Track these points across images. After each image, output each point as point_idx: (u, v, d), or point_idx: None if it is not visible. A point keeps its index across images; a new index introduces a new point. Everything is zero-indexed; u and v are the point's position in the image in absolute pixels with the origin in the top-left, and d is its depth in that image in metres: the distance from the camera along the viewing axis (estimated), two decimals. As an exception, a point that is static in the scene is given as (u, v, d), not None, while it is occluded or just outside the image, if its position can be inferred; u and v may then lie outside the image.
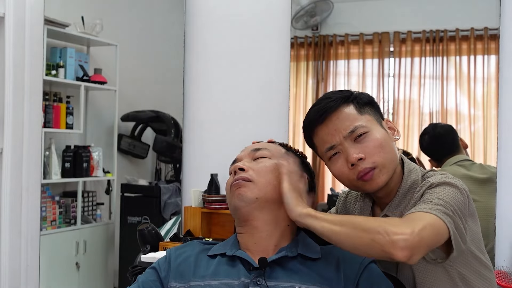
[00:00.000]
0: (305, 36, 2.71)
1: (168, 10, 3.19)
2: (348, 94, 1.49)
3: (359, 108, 1.47)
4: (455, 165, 2.36)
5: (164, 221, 2.96)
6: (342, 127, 1.44)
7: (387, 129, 1.50)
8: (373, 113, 1.49)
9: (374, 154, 1.43)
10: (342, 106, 1.46)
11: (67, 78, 3.17)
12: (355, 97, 1.49)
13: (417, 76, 2.60)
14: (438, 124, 2.52)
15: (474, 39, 2.49)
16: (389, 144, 1.46)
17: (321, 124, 1.46)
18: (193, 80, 2.80)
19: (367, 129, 1.44)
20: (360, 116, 1.46)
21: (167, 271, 1.41)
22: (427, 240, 1.24)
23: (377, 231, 1.22)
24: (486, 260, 1.47)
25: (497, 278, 2.06)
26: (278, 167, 1.42)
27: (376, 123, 1.48)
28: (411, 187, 1.47)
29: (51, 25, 3.03)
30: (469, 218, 1.39)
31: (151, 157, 3.50)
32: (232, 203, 1.42)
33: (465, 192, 1.39)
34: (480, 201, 2.24)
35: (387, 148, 1.45)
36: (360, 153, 1.42)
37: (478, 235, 1.45)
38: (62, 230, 3.19)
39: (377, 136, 1.44)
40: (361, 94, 1.51)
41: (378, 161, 1.43)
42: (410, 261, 1.21)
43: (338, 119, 1.45)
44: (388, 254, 1.20)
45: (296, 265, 1.36)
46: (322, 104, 1.48)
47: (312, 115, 1.49)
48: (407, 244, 1.19)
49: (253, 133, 2.40)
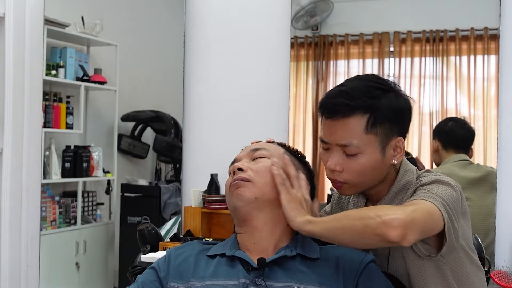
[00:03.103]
0: (305, 36, 2.71)
1: (168, 10, 3.19)
2: (371, 103, 1.37)
3: (370, 124, 1.37)
4: (454, 163, 2.37)
5: (164, 221, 2.96)
6: (339, 135, 1.39)
7: (392, 149, 1.42)
8: (384, 132, 1.39)
9: (351, 175, 1.41)
10: (354, 115, 1.37)
11: (67, 78, 3.16)
12: (376, 108, 1.37)
13: (417, 76, 2.60)
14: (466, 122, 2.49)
15: (474, 39, 2.49)
16: (374, 169, 1.41)
17: (326, 118, 1.41)
18: (193, 80, 2.80)
19: (360, 151, 1.38)
20: (363, 135, 1.37)
21: (167, 271, 1.41)
22: (420, 221, 1.24)
23: (368, 216, 1.23)
24: (477, 259, 1.48)
25: (497, 278, 2.06)
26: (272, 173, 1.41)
27: (377, 146, 1.39)
28: (403, 187, 1.46)
29: (51, 25, 3.03)
30: (461, 216, 1.39)
31: (151, 157, 3.50)
32: (231, 203, 1.42)
33: (458, 190, 1.39)
34: (474, 199, 2.24)
35: (370, 173, 1.41)
36: (338, 166, 1.40)
37: (468, 233, 1.46)
38: (62, 230, 3.19)
39: (363, 161, 1.39)
40: (392, 106, 1.38)
41: (351, 181, 1.42)
42: (404, 241, 1.20)
43: (342, 125, 1.38)
44: (382, 236, 1.20)
45: (295, 265, 1.36)
46: (338, 101, 1.38)
47: (326, 103, 1.41)
48: (399, 223, 1.20)
49: (253, 133, 2.40)
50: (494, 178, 2.30)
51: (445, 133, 2.44)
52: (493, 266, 2.21)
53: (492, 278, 2.05)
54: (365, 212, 1.29)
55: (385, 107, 1.38)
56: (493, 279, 2.05)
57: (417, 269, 1.41)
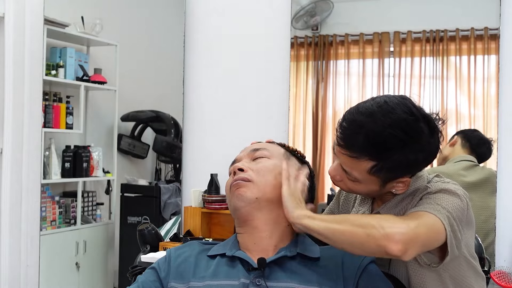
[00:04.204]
0: (305, 36, 2.71)
1: (168, 10, 3.19)
2: (383, 154, 1.31)
3: (374, 170, 1.34)
4: (459, 163, 2.36)
5: (164, 221, 2.96)
6: (343, 161, 1.38)
7: (394, 183, 1.40)
8: (389, 177, 1.37)
9: (349, 187, 1.45)
10: (360, 158, 1.34)
11: (67, 78, 3.16)
12: (385, 158, 1.32)
13: (417, 76, 2.59)
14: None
15: (474, 39, 2.48)
16: (371, 192, 1.45)
17: (336, 144, 1.40)
18: (193, 80, 2.80)
19: (358, 181, 1.39)
20: (365, 174, 1.36)
21: (167, 271, 1.41)
22: (422, 237, 1.25)
23: (372, 226, 1.23)
24: (478, 266, 1.47)
25: (497, 278, 2.06)
26: (281, 171, 1.42)
27: (378, 183, 1.39)
28: (412, 193, 1.45)
29: (51, 25, 3.03)
30: (465, 225, 1.39)
31: (151, 157, 3.50)
32: (232, 203, 1.42)
33: (465, 200, 1.39)
34: (476, 201, 2.24)
35: (365, 194, 1.51)
36: (338, 176, 1.43)
37: (471, 241, 1.46)
38: (62, 230, 3.18)
39: (360, 188, 1.42)
40: (400, 162, 1.32)
41: (350, 191, 1.50)
42: (404, 256, 1.21)
43: (348, 156, 1.36)
44: (383, 248, 1.21)
45: (295, 265, 1.36)
46: (354, 137, 1.33)
47: (342, 131, 1.35)
48: (402, 238, 1.20)
49: (253, 133, 2.40)
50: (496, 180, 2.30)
51: (473, 137, 2.40)
52: (493, 266, 2.21)
53: (492, 278, 2.05)
54: (368, 220, 1.27)
55: (396, 162, 1.33)
56: (493, 279, 2.05)
57: (416, 274, 1.42)
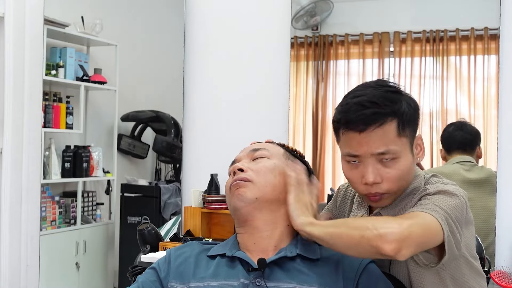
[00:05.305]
0: (305, 36, 2.71)
1: (168, 10, 3.19)
2: (398, 108, 1.35)
3: (401, 127, 1.35)
4: (457, 164, 2.37)
5: (164, 221, 2.96)
6: (375, 145, 1.35)
7: (415, 148, 1.42)
8: (411, 133, 1.39)
9: (391, 182, 1.39)
10: (386, 121, 1.34)
11: (67, 78, 3.16)
12: (403, 112, 1.36)
13: (417, 76, 2.59)
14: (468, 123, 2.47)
15: (474, 39, 2.48)
16: (410, 171, 1.41)
17: (355, 132, 1.35)
18: (193, 80, 2.80)
19: (398, 156, 1.36)
20: (397, 139, 1.36)
21: (167, 271, 1.42)
22: (417, 236, 1.24)
23: (366, 227, 1.23)
24: (478, 266, 1.47)
25: (497, 278, 2.06)
26: (281, 171, 1.42)
27: (409, 147, 1.39)
28: (410, 193, 1.45)
29: (51, 25, 3.03)
30: (464, 226, 1.38)
31: (151, 157, 3.50)
32: (232, 203, 1.42)
33: (464, 200, 1.38)
34: (476, 201, 2.24)
35: (406, 177, 1.41)
36: (378, 177, 1.37)
37: (471, 241, 1.45)
38: (62, 230, 3.19)
39: (401, 166, 1.37)
40: (409, 106, 1.38)
41: (392, 189, 1.40)
42: (398, 256, 1.21)
43: (375, 134, 1.34)
44: (376, 248, 1.20)
45: (295, 265, 1.36)
46: (367, 112, 1.33)
47: (350, 116, 1.35)
48: (394, 238, 1.20)
49: (253, 133, 2.40)
50: (496, 180, 2.30)
51: (446, 138, 2.45)
52: (493, 266, 2.21)
53: (492, 278, 2.05)
54: (364, 222, 1.28)
55: (407, 109, 1.37)
56: (493, 279, 2.05)
57: (417, 274, 1.41)
